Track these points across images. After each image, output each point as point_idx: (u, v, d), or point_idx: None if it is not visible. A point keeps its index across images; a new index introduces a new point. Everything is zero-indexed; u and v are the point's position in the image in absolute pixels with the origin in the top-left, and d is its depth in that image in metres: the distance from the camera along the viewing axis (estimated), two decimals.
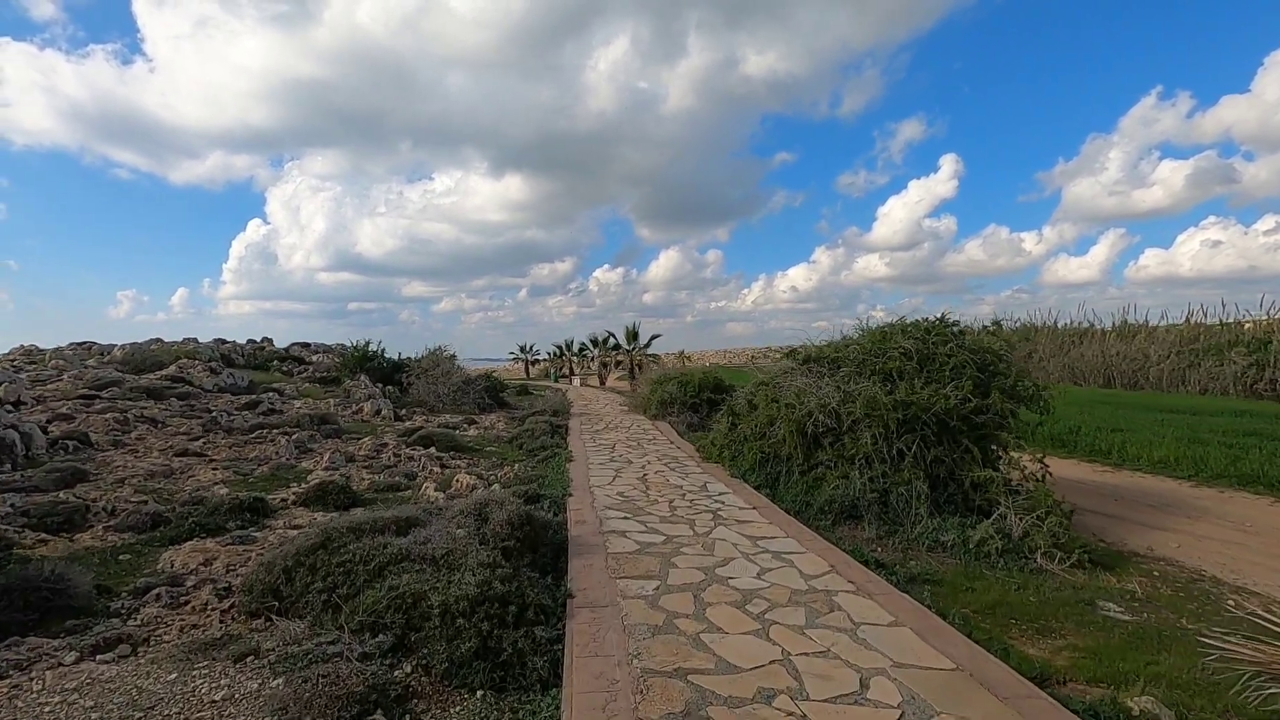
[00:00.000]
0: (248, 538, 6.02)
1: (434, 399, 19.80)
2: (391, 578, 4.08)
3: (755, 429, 9.18)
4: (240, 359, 21.87)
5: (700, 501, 7.40)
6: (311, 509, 7.11)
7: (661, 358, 34.25)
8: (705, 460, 10.31)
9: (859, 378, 8.53)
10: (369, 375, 20.32)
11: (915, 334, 8.79)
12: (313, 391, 18.66)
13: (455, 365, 21.20)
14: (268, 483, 8.38)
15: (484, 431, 14.58)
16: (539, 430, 13.17)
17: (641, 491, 7.90)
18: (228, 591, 4.78)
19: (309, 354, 24.58)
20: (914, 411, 7.55)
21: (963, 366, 8.19)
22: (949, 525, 6.72)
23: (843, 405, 8.12)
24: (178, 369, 16.75)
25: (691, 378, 16.94)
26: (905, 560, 6.16)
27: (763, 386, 9.69)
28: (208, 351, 20.02)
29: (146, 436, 10.55)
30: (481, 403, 20.08)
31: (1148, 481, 10.57)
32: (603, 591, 4.36)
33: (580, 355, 48.95)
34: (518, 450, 12.12)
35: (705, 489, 8.17)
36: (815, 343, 10.22)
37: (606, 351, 37.14)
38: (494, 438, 13.65)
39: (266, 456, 9.79)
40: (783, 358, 10.01)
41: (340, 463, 9.40)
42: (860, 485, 7.42)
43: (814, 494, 7.85)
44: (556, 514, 6.78)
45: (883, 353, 8.67)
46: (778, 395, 9.18)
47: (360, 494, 7.84)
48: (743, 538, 5.87)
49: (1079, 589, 5.53)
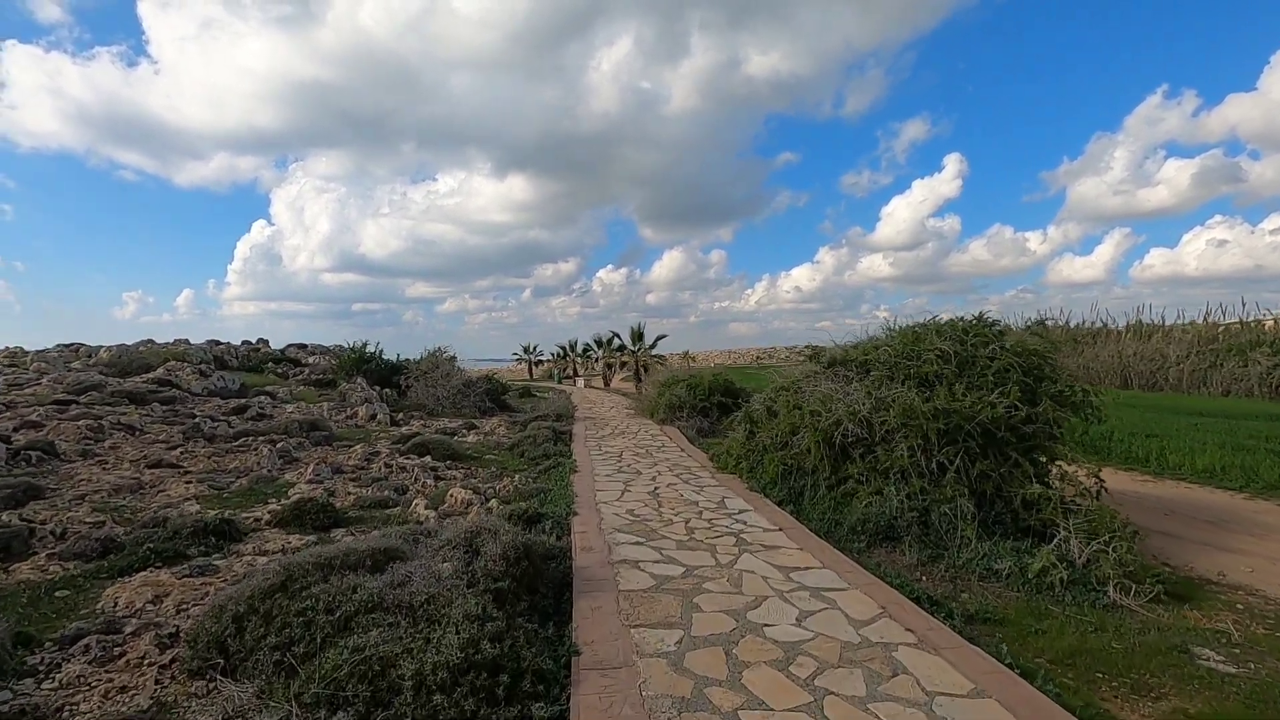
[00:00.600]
0: (209, 567, 5.29)
1: (433, 402, 19.09)
2: (358, 633, 3.35)
3: (776, 438, 8.44)
4: (234, 361, 21.19)
5: (719, 521, 6.66)
6: (287, 530, 6.39)
7: (668, 358, 33.50)
8: (720, 471, 9.57)
9: (891, 383, 7.78)
10: (366, 378, 19.62)
11: (952, 335, 8.03)
12: (307, 395, 17.96)
13: (455, 367, 20.49)
14: (244, 498, 7.66)
15: (484, 437, 13.86)
16: (541, 437, 12.45)
17: (653, 509, 7.16)
18: (172, 640, 4.05)
19: (305, 355, 23.89)
20: (956, 421, 6.79)
21: (1007, 370, 7.43)
22: (1002, 550, 5.97)
23: (875, 413, 7.38)
24: (165, 372, 16.07)
25: (701, 380, 16.20)
26: (956, 592, 5.42)
27: (783, 392, 8.94)
28: (199, 354, 19.35)
29: (121, 445, 9.85)
30: (482, 406, 19.36)
31: (1196, 493, 9.80)
32: (615, 646, 3.62)
33: (584, 356, 48.24)
34: (519, 459, 11.40)
35: (723, 505, 7.43)
36: (839, 344, 9.49)
37: (611, 352, 36.41)
38: (494, 444, 12.93)
39: (247, 468, 9.08)
40: (805, 360, 9.25)
41: (326, 475, 8.68)
42: (897, 503, 6.67)
43: (844, 511, 7.11)
44: (559, 537, 6.04)
45: (917, 355, 7.92)
46: (800, 401, 8.44)
47: (343, 512, 7.12)
48: (773, 568, 5.12)
49: (1164, 630, 4.77)
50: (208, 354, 19.90)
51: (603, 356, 39.32)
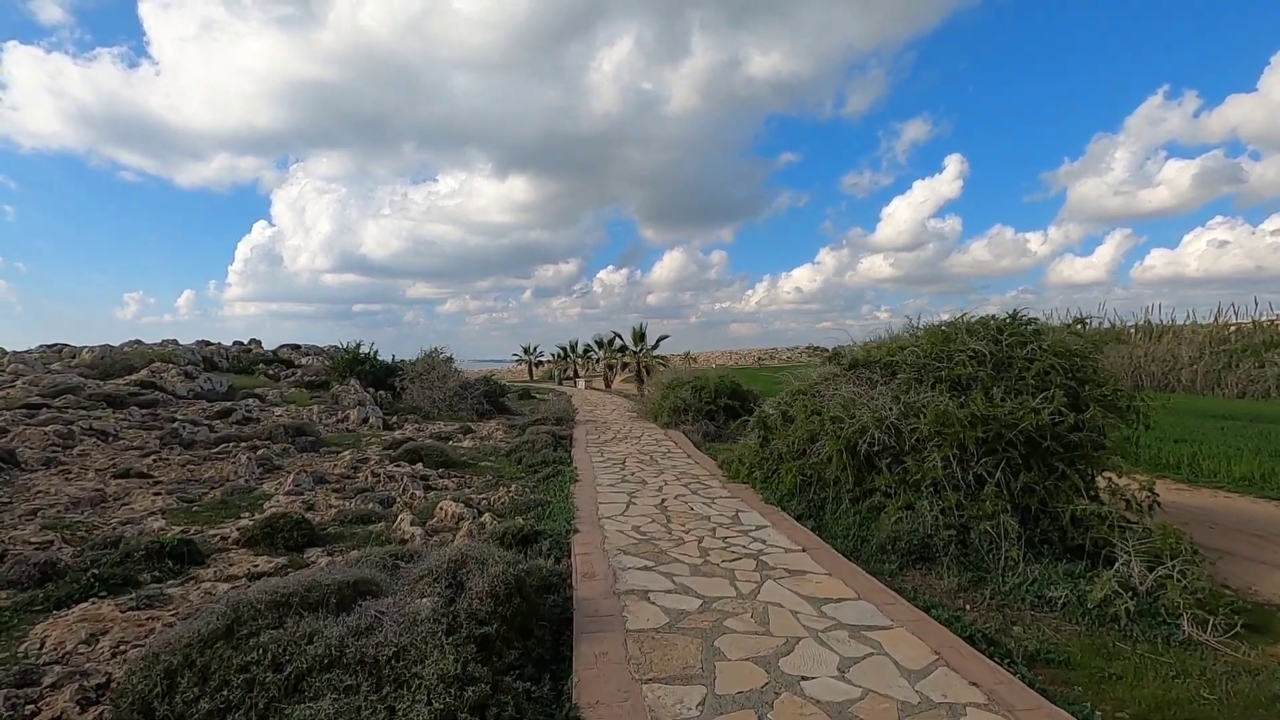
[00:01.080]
0: (160, 597, 4.66)
1: (429, 404, 18.46)
2: (309, 700, 2.72)
3: (793, 446, 7.80)
4: (224, 362, 20.56)
5: (736, 540, 6.02)
6: (256, 551, 5.76)
7: (670, 359, 32.87)
8: (731, 480, 8.93)
9: (919, 386, 7.15)
10: (360, 379, 18.99)
11: (985, 334, 7.40)
12: (298, 397, 17.33)
13: (452, 368, 19.86)
14: (215, 512, 7.03)
15: (480, 442, 13.23)
16: (540, 442, 11.81)
17: (662, 525, 6.53)
18: (99, 693, 3.43)
19: (299, 356, 23.27)
20: (996, 429, 6.15)
21: (1047, 373, 6.79)
22: (1054, 575, 5.34)
23: (903, 420, 6.75)
24: (149, 374, 15.45)
25: (706, 382, 15.56)
26: (1008, 624, 4.78)
27: (800, 396, 8.31)
28: (187, 355, 18.72)
29: (91, 453, 9.22)
30: (480, 408, 18.74)
31: (1237, 503, 9.16)
32: (624, 709, 2.98)
33: (585, 357, 47.63)
34: (516, 465, 10.76)
35: (738, 520, 6.79)
36: (858, 343, 8.85)
37: (612, 353, 35.79)
38: (491, 450, 12.30)
39: (223, 477, 8.45)
40: (824, 361, 8.61)
41: (307, 485, 8.04)
42: (932, 519, 6.04)
43: (870, 528, 6.49)
44: (558, 559, 5.41)
45: (947, 356, 7.28)
46: (820, 406, 7.81)
47: (321, 528, 6.48)
48: (801, 600, 4.48)
49: (1256, 675, 4.13)
50: (196, 355, 19.27)
51: (604, 357, 38.71)
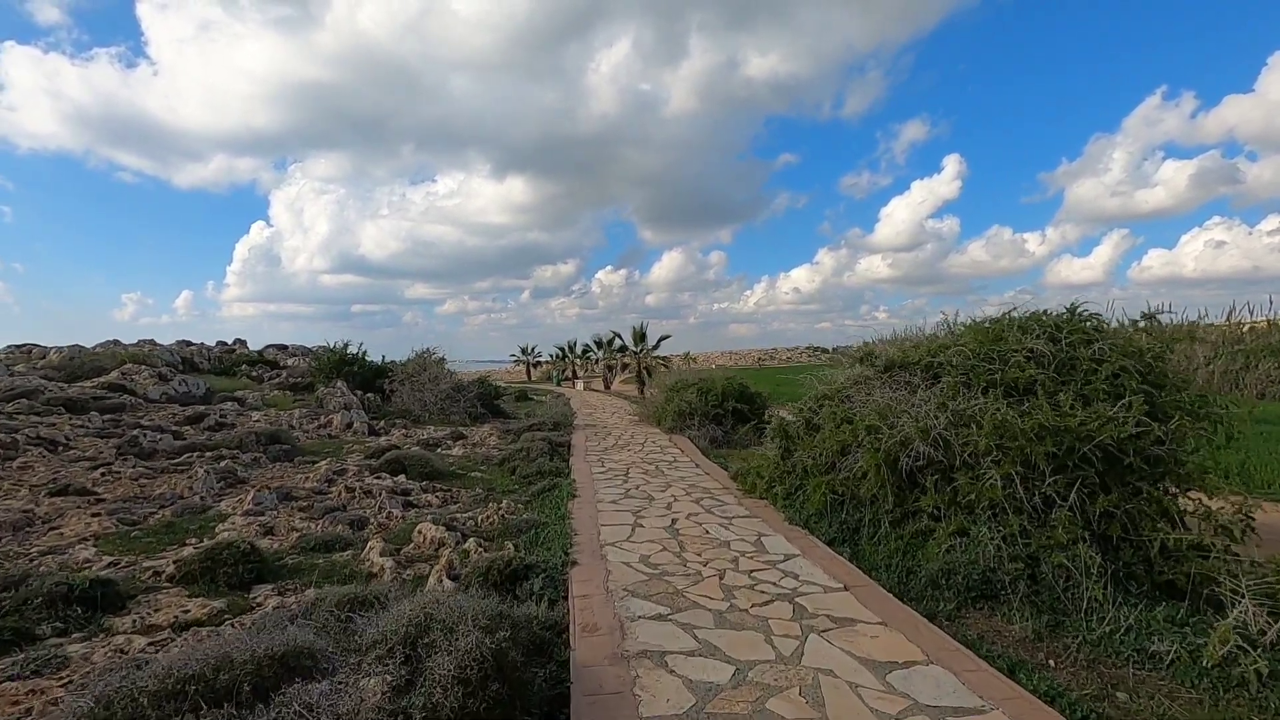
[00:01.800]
0: (53, 660, 3.73)
1: (419, 408, 17.53)
2: None
3: (820, 459, 6.88)
4: (205, 363, 19.60)
5: (763, 574, 5.10)
6: (191, 590, 4.82)
7: (671, 360, 31.93)
8: (747, 494, 8.01)
9: (967, 391, 6.24)
10: (347, 381, 18.03)
11: (1040, 331, 6.48)
12: (279, 400, 16.38)
13: (444, 370, 18.92)
14: (157, 538, 6.09)
15: (471, 450, 12.29)
16: (536, 449, 10.88)
17: (674, 553, 5.60)
18: None
19: (285, 357, 22.30)
20: (1069, 442, 5.24)
21: (1118, 376, 5.89)
22: (1153, 622, 4.42)
23: (954, 430, 5.83)
24: (119, 376, 14.49)
25: (713, 385, 14.63)
26: (1108, 688, 3.86)
27: (827, 401, 7.38)
28: (165, 355, 17.76)
29: (35, 465, 8.28)
30: (473, 412, 17.80)
31: None
32: None
33: (584, 357, 46.71)
34: (509, 476, 9.83)
35: (762, 546, 5.87)
36: (865, 341, 7.94)
37: (612, 354, 34.86)
38: (482, 458, 11.36)
39: (176, 494, 7.51)
40: (853, 362, 7.68)
41: (269, 503, 7.11)
42: (993, 549, 5.13)
43: (917, 557, 5.58)
44: (553, 601, 4.49)
45: (999, 357, 6.36)
46: (850, 414, 6.88)
47: (276, 558, 5.55)
48: (858, 665, 3.56)
49: None
50: (175, 356, 18.31)
51: (603, 358, 37.78)
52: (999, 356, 6.37)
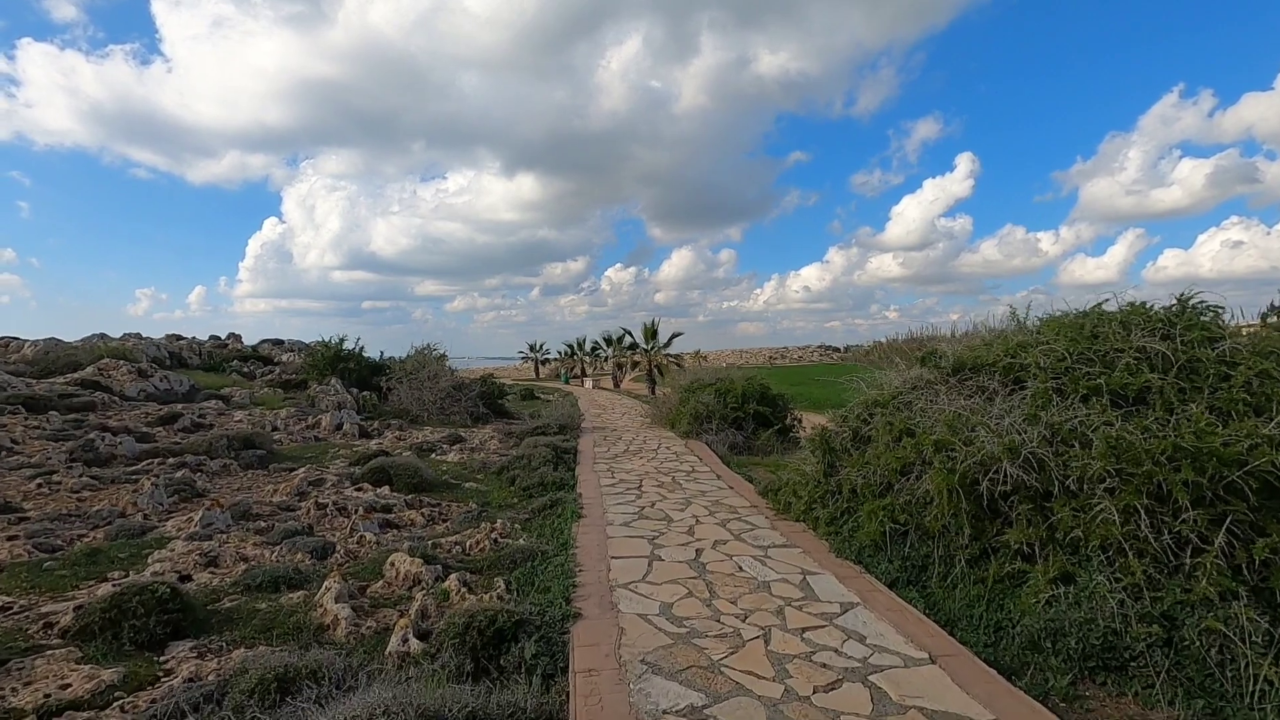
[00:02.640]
0: None
1: (418, 407, 16.50)
2: None
3: (872, 478, 5.73)
4: (194, 358, 18.66)
5: (820, 633, 3.97)
6: (88, 649, 3.75)
7: (684, 358, 30.78)
8: (780, 515, 6.89)
9: (1061, 399, 5.09)
10: (342, 379, 17.04)
11: (1149, 326, 5.32)
12: (269, 399, 15.40)
13: (445, 367, 17.87)
14: (75, 570, 5.04)
15: (469, 455, 11.21)
16: (539, 457, 9.78)
17: (702, 602, 4.48)
18: None
19: (280, 353, 21.34)
20: (1212, 468, 4.08)
21: (1258, 382, 4.73)
22: None
23: (1050, 448, 4.69)
24: (95, 371, 13.53)
25: (732, 385, 13.49)
26: None
27: (879, 409, 6.23)
28: (150, 350, 16.83)
29: None
30: (474, 412, 16.75)
31: None
32: None
33: (593, 355, 45.67)
34: (507, 488, 8.74)
35: (810, 590, 4.74)
36: (944, 336, 6.78)
37: (622, 351, 33.79)
38: (479, 465, 10.28)
39: (118, 510, 6.47)
40: (916, 363, 6.50)
41: (221, 525, 6.05)
42: (1116, 603, 3.98)
43: (1007, 607, 4.45)
44: (548, 678, 3.40)
45: (1101, 358, 5.21)
46: (910, 424, 5.73)
47: (208, 601, 4.49)
48: None
49: None
50: (162, 350, 17.36)
51: (613, 356, 36.71)
52: (1100, 357, 5.21)
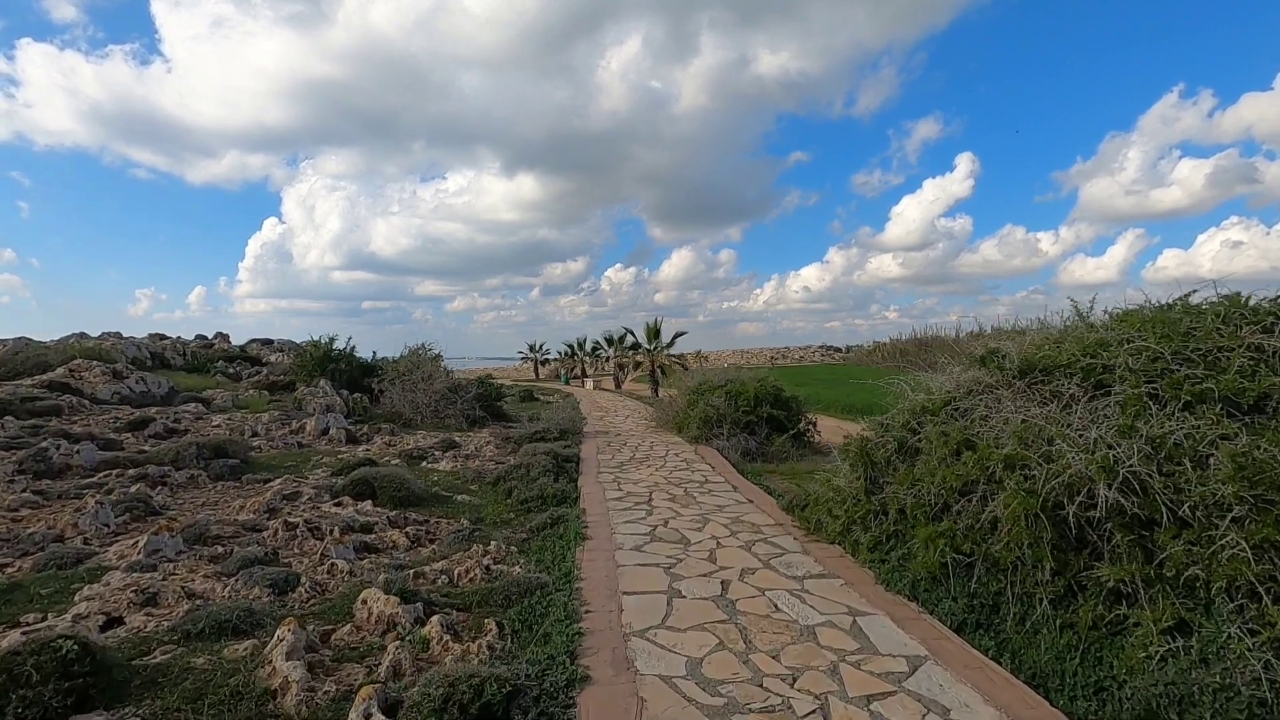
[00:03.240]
0: None
1: (410, 410, 15.67)
2: None
3: (926, 497, 4.92)
4: (178, 359, 17.85)
5: (891, 702, 3.16)
6: None
7: (688, 359, 29.95)
8: (809, 535, 6.09)
9: (1158, 406, 4.28)
10: (332, 380, 16.23)
11: (1263, 321, 4.51)
12: (253, 402, 14.59)
13: (440, 367, 17.06)
14: None
15: (463, 463, 10.40)
16: (538, 466, 8.97)
17: (738, 656, 3.67)
18: None
19: (269, 353, 20.53)
20: None
21: None
22: None
23: (1157, 467, 3.88)
24: (66, 372, 12.72)
25: (744, 388, 12.68)
26: None
27: (929, 416, 5.42)
28: (131, 349, 16.01)
29: None
30: (471, 415, 15.93)
31: None
32: None
33: (593, 355, 44.84)
34: (503, 502, 7.94)
35: (864, 637, 3.93)
36: (1010, 330, 5.96)
37: (623, 351, 32.96)
38: (473, 475, 9.47)
39: (57, 532, 5.65)
40: (972, 364, 5.67)
41: (170, 550, 5.24)
42: (1258, 664, 3.19)
43: (1105, 661, 3.66)
44: None
45: (1203, 358, 4.40)
46: (968, 434, 4.93)
47: (133, 656, 3.67)
48: None
49: None
50: (143, 351, 16.55)
51: (614, 356, 35.88)
52: (1202, 357, 4.40)
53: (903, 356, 51.52)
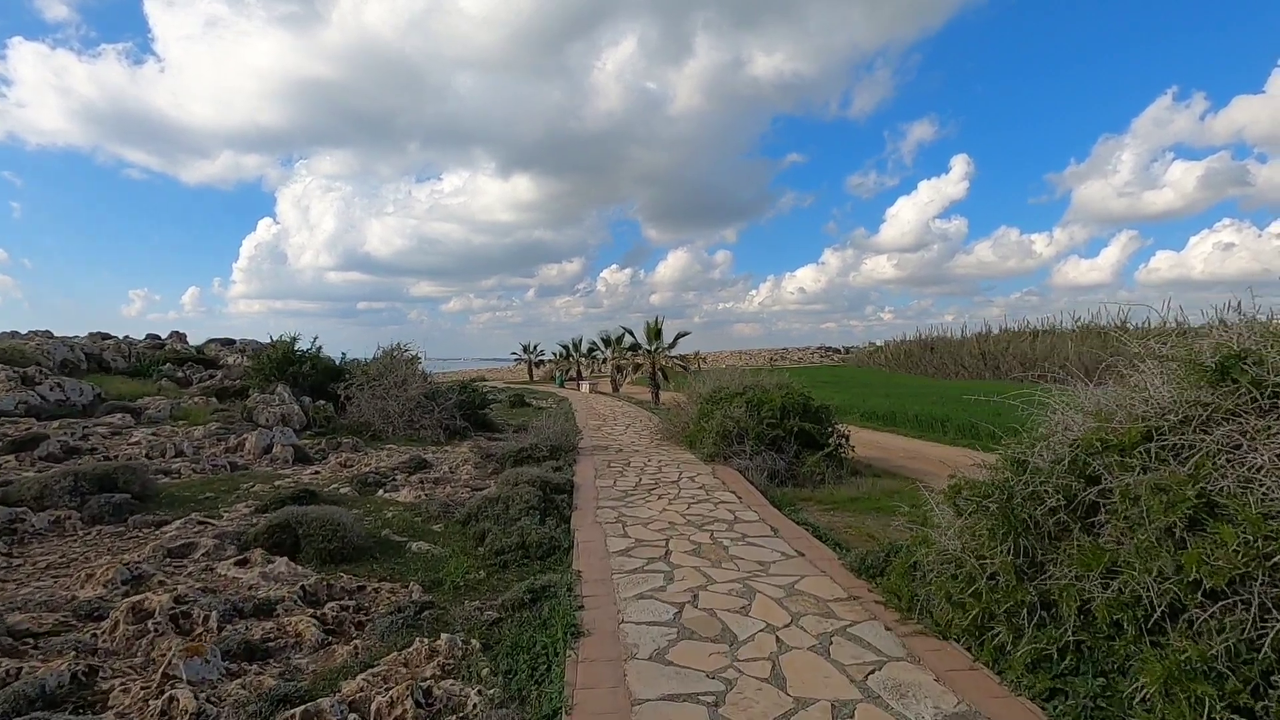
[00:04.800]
0: None
1: (380, 420, 13.71)
2: None
3: (1138, 595, 3.00)
4: (120, 361, 15.83)
5: None
6: None
7: (690, 360, 27.99)
8: (902, 617, 4.17)
9: None
10: (293, 385, 14.24)
11: None
12: (194, 412, 12.59)
13: (416, 371, 15.08)
14: None
15: (429, 491, 8.44)
16: (521, 500, 7.01)
17: None
18: None
19: (229, 354, 18.50)
20: None
21: None
22: None
23: None
24: None
25: (768, 396, 10.76)
26: None
27: (1118, 457, 3.48)
28: (60, 351, 13.99)
29: None
30: (450, 425, 13.97)
31: None
32: None
33: (589, 356, 42.91)
34: (472, 552, 6.00)
35: None
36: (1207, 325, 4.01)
37: (622, 353, 31.03)
38: (440, 508, 7.50)
39: None
40: (1189, 373, 3.66)
41: None
42: None
43: None
44: None
45: None
46: (1205, 489, 3.00)
47: None
48: None
49: None
50: (76, 352, 14.55)
51: (612, 358, 33.93)
52: None
53: (907, 358, 49.69)
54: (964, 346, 41.48)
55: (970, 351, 39.82)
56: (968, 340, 42.03)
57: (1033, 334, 37.63)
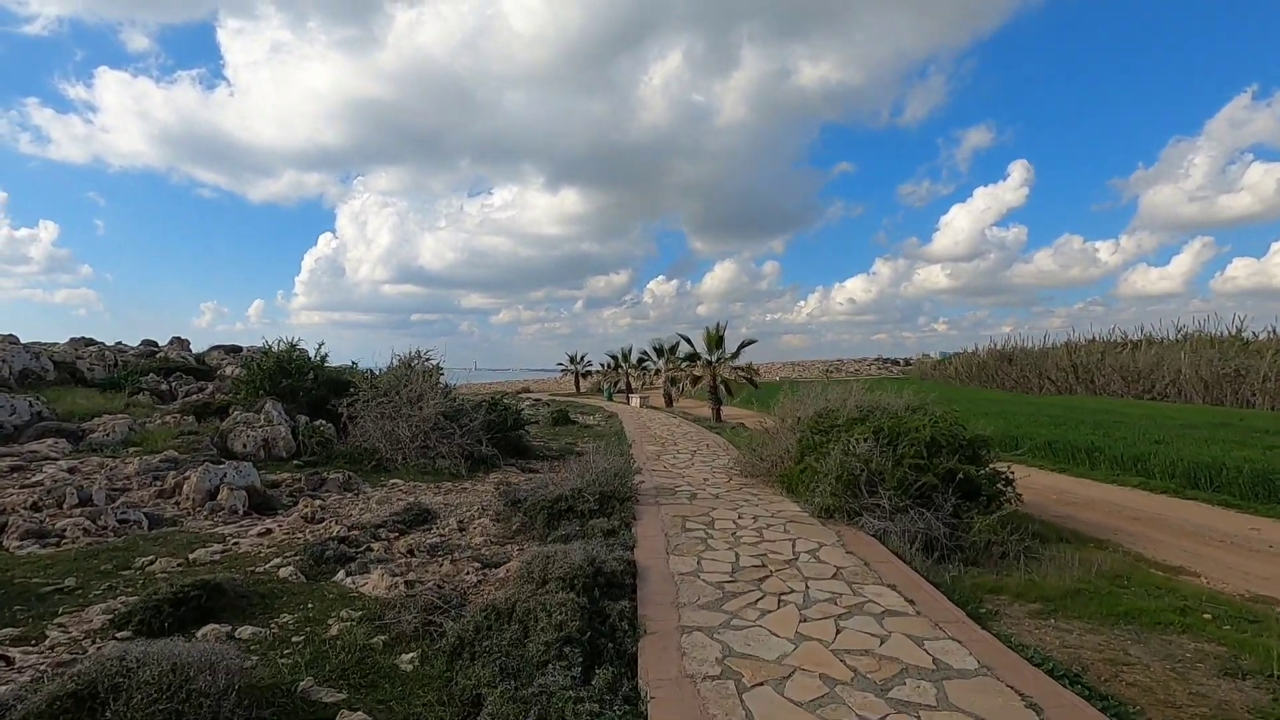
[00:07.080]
0: None
1: (389, 445, 10.98)
2: None
3: None
4: (99, 371, 13.65)
5: None
6: None
7: (756, 370, 24.61)
8: None
9: None
10: (285, 400, 11.66)
11: None
12: (154, 435, 10.09)
13: (437, 385, 12.34)
14: None
15: (415, 572, 5.52)
16: (551, 624, 4.01)
17: None
18: None
19: (232, 363, 16.21)
20: None
21: None
22: None
23: None
24: None
25: (907, 424, 7.52)
26: None
27: None
28: (20, 359, 11.76)
29: None
30: (474, 452, 11.14)
31: None
32: None
33: (639, 367, 39.96)
34: None
35: None
36: None
37: (676, 363, 27.96)
38: (420, 614, 4.54)
39: None
40: None
41: None
42: None
43: None
44: None
45: None
46: None
47: None
48: None
49: None
50: (42, 360, 12.35)
51: (665, 369, 30.88)
52: None
53: (981, 370, 44.95)
54: (1048, 358, 36.97)
55: (1058, 363, 35.26)
56: (1054, 351, 37.46)
57: (1132, 344, 33.09)
